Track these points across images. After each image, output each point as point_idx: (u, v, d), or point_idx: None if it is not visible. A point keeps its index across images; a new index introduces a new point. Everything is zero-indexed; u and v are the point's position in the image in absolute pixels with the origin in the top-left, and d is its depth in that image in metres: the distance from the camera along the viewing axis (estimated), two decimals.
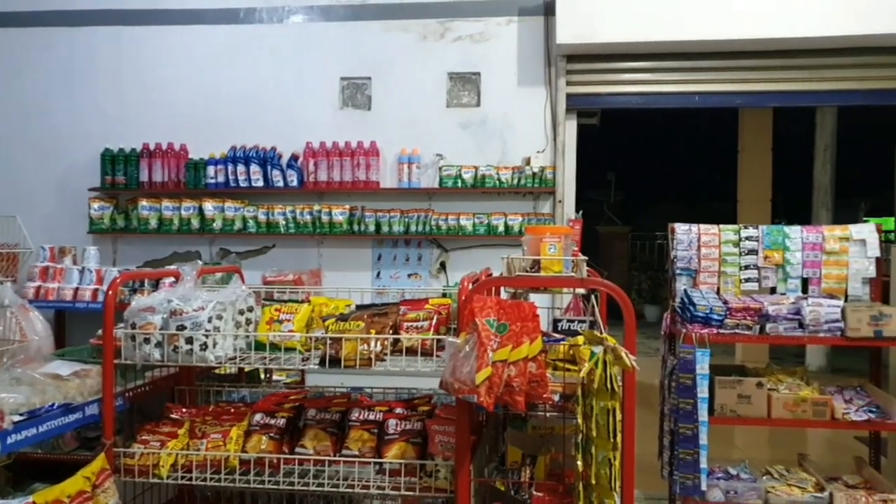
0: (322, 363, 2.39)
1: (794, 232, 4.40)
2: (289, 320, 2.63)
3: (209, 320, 2.47)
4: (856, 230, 4.34)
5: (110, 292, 2.45)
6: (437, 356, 2.45)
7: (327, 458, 2.47)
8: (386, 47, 5.24)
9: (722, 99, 4.96)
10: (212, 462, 2.49)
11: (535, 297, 3.52)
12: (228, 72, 5.43)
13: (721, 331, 4.06)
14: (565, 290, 2.48)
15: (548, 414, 2.49)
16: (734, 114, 10.14)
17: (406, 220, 5.01)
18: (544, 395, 2.16)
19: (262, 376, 3.64)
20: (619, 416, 2.09)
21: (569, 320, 3.23)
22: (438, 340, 2.45)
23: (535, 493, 2.27)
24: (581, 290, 2.57)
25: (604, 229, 15.52)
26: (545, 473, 2.42)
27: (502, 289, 2.90)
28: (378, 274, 5.20)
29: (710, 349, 3.95)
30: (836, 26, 4.55)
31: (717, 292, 4.37)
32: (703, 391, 3.98)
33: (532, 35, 5.09)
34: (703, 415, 3.98)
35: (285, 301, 2.77)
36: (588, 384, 2.15)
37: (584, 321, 3.10)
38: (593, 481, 2.11)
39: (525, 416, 2.75)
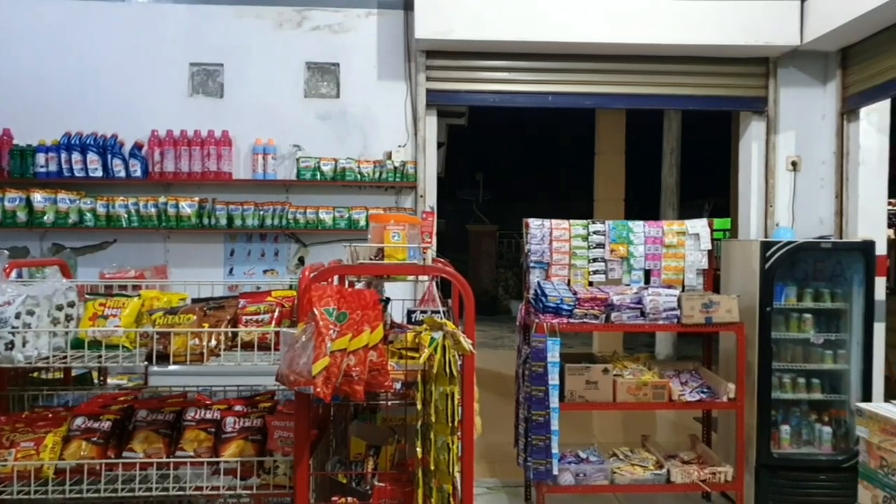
0: (149, 359, 2.22)
1: (638, 227, 4.68)
2: (115, 315, 2.42)
3: (17, 316, 2.23)
4: (691, 225, 4.69)
5: None
6: (279, 350, 2.35)
7: (156, 460, 2.30)
8: (239, 33, 5.01)
9: (573, 99, 5.18)
10: (21, 473, 2.25)
11: (394, 289, 3.50)
12: (61, 50, 4.95)
13: (571, 320, 4.24)
14: (410, 277, 2.45)
15: (389, 402, 2.47)
16: (593, 118, 10.69)
17: (261, 213, 4.81)
18: (385, 384, 2.13)
19: (96, 379, 3.34)
20: (457, 401, 2.10)
21: (423, 311, 3.25)
22: (279, 334, 2.35)
23: (377, 483, 2.23)
24: (424, 278, 2.56)
25: (473, 228, 15.87)
26: (390, 464, 2.40)
27: (356, 281, 2.84)
28: (231, 270, 4.95)
29: (562, 338, 4.11)
30: (677, 35, 4.87)
31: (568, 284, 4.56)
32: (553, 378, 4.13)
33: (392, 29, 5.06)
34: (554, 401, 4.14)
35: (112, 295, 2.54)
36: (428, 370, 2.14)
37: (437, 311, 3.12)
38: (432, 467, 2.11)
39: (373, 407, 2.71)
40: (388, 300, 3.21)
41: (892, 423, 2.78)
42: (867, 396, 4.27)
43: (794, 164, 5.21)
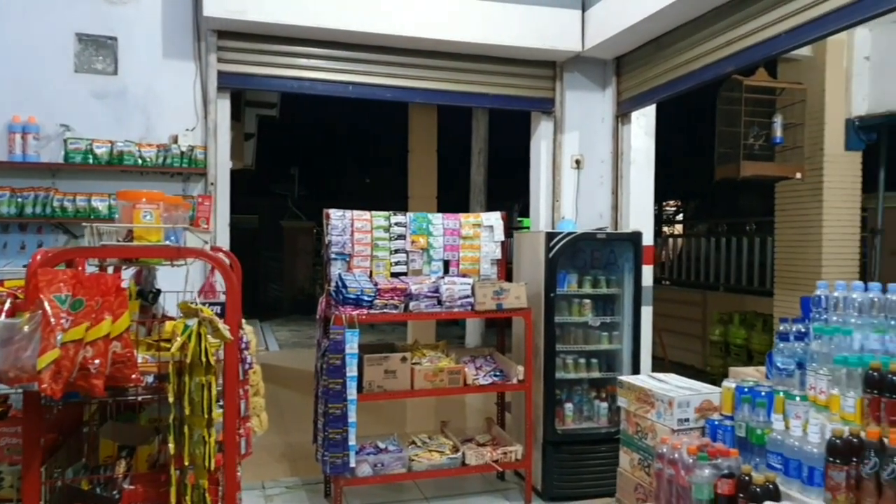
0: None
1: (437, 219, 4.78)
2: None
3: None
4: (486, 217, 4.88)
5: None
6: None
7: None
8: None
9: (374, 91, 5.16)
10: None
11: (177, 282, 3.21)
12: None
13: (371, 311, 4.22)
14: (165, 261, 2.25)
15: (141, 398, 2.26)
16: (408, 115, 10.83)
17: (20, 200, 4.23)
18: (132, 377, 1.94)
19: None
20: (214, 391, 1.96)
21: (202, 303, 3.03)
22: None
23: (127, 486, 2.03)
24: (179, 259, 2.37)
25: (288, 224, 15.43)
26: (148, 465, 2.19)
27: (124, 269, 2.57)
28: None
29: (377, 332, 4.07)
30: (473, 33, 5.03)
31: (370, 275, 4.54)
32: (352, 370, 4.08)
33: (179, 4, 4.69)
34: (351, 393, 4.09)
35: None
36: (183, 360, 1.98)
37: (217, 303, 2.92)
38: (187, 462, 1.95)
39: (136, 406, 2.48)
40: (158, 291, 2.96)
41: (645, 392, 3.07)
42: (636, 373, 4.70)
43: (577, 162, 5.62)
